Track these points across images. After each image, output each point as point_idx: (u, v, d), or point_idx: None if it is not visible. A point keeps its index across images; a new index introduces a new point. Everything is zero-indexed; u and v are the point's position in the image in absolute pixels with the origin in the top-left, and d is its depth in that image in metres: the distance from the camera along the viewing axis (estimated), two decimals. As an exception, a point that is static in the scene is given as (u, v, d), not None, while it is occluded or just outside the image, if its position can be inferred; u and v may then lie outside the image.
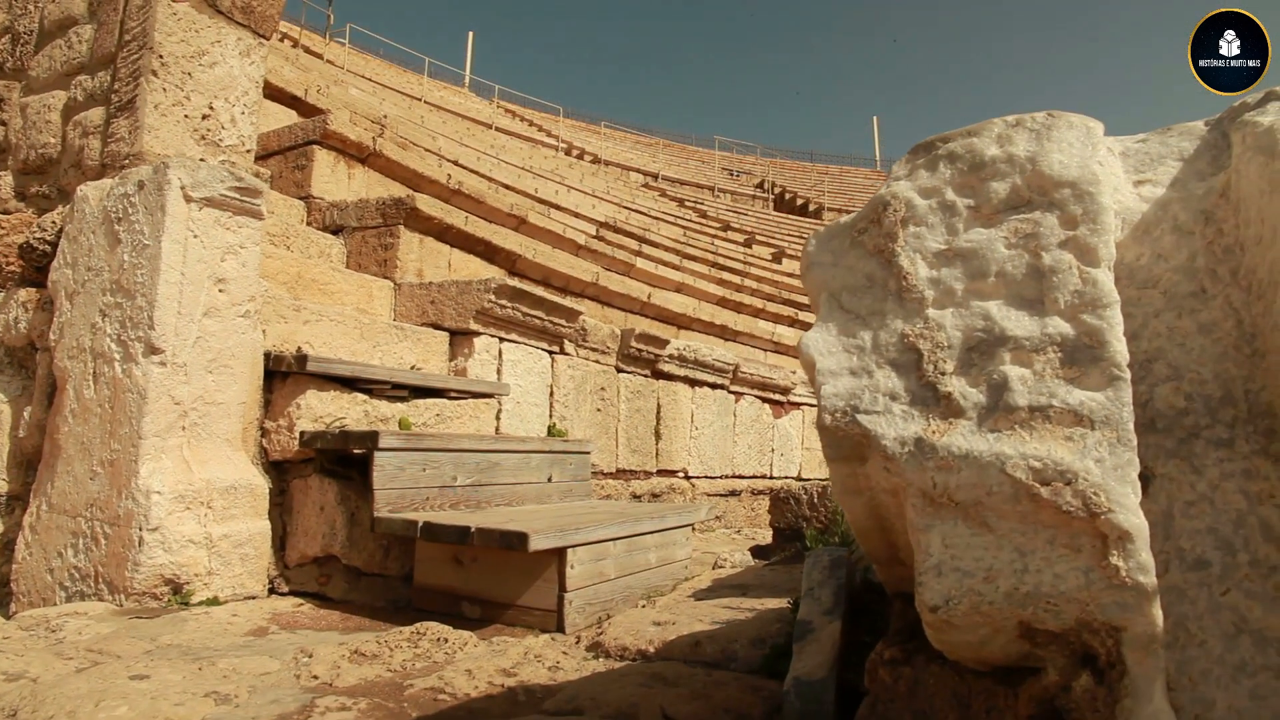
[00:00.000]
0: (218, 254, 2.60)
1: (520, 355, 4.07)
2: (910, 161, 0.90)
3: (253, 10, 3.06)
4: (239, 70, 3.01)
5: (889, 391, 0.83)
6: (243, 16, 3.02)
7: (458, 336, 3.84)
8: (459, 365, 3.80)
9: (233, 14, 2.98)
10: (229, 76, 2.97)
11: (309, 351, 3.10)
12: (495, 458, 2.91)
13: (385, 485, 2.46)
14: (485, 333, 3.84)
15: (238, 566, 2.52)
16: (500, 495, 2.92)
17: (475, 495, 2.80)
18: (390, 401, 3.08)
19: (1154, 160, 0.86)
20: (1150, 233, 0.83)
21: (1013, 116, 0.85)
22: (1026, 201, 0.81)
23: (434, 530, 2.27)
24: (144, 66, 2.72)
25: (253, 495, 2.59)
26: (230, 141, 2.97)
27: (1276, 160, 0.72)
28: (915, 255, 0.85)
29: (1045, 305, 0.78)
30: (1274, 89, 0.79)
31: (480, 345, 3.82)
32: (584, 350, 4.54)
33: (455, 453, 2.73)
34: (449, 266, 4.45)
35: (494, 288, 3.71)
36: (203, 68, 2.88)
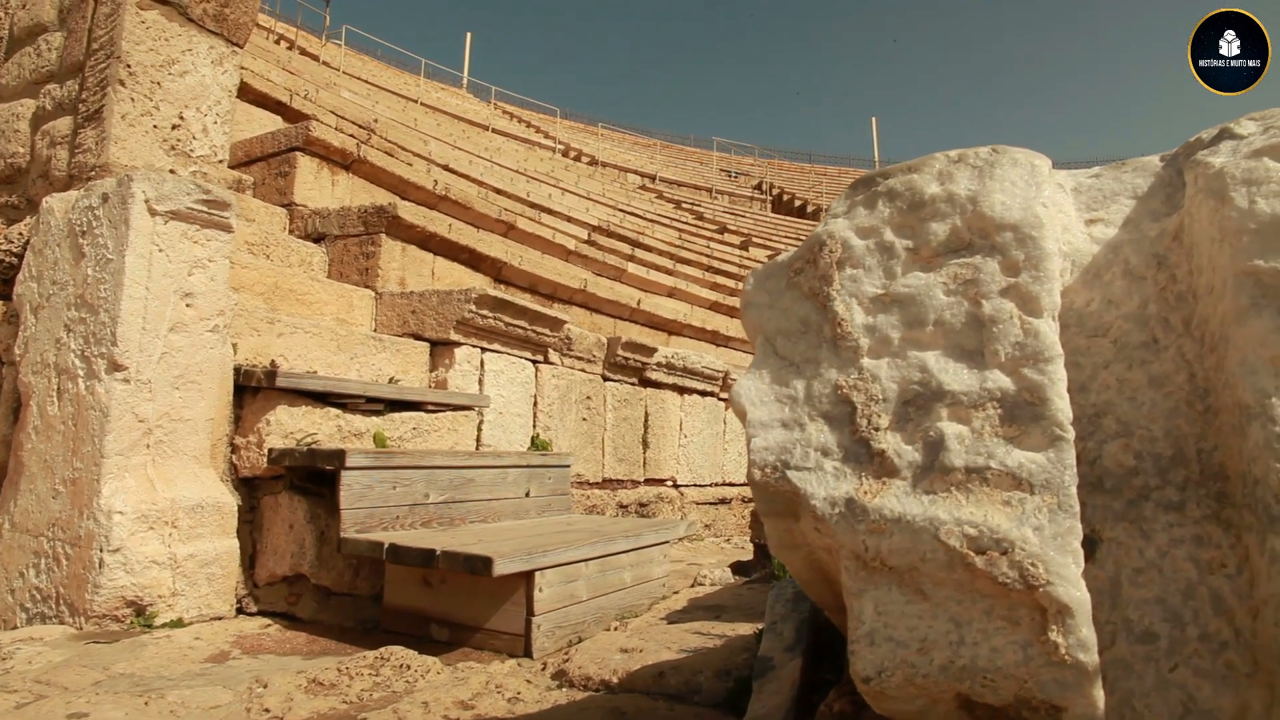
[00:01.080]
0: (184, 268, 2.55)
1: (503, 365, 4.02)
2: (849, 198, 0.85)
3: (225, 18, 3.01)
4: (211, 79, 2.96)
5: (821, 446, 0.78)
6: (215, 24, 2.97)
7: (438, 347, 3.79)
8: (439, 376, 3.75)
9: (204, 22, 2.93)
10: (200, 85, 2.92)
11: (282, 365, 3.05)
12: (470, 474, 2.86)
13: (353, 505, 2.41)
14: (466, 343, 3.79)
15: (204, 586, 2.46)
16: (475, 512, 2.87)
17: (449, 512, 2.75)
18: (365, 415, 3.03)
19: (1107, 197, 0.81)
20: (1101, 276, 0.78)
21: (956, 151, 0.80)
22: (967, 244, 0.76)
23: (399, 552, 2.22)
24: (111, 76, 2.67)
25: (220, 513, 2.54)
26: (202, 151, 2.92)
27: (1226, 206, 0.67)
28: (851, 300, 0.80)
29: (985, 357, 0.73)
30: (1228, 125, 0.74)
31: (461, 356, 3.77)
32: (569, 359, 4.49)
33: (428, 469, 2.68)
34: (432, 275, 4.40)
35: (474, 298, 3.65)
36: (173, 77, 2.83)
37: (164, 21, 2.79)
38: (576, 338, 4.47)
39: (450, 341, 3.74)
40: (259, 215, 4.32)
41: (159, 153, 2.77)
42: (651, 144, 26.62)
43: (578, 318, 5.49)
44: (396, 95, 16.85)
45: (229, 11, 3.01)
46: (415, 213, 4.18)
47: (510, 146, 15.72)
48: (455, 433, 3.42)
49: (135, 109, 2.70)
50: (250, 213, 4.31)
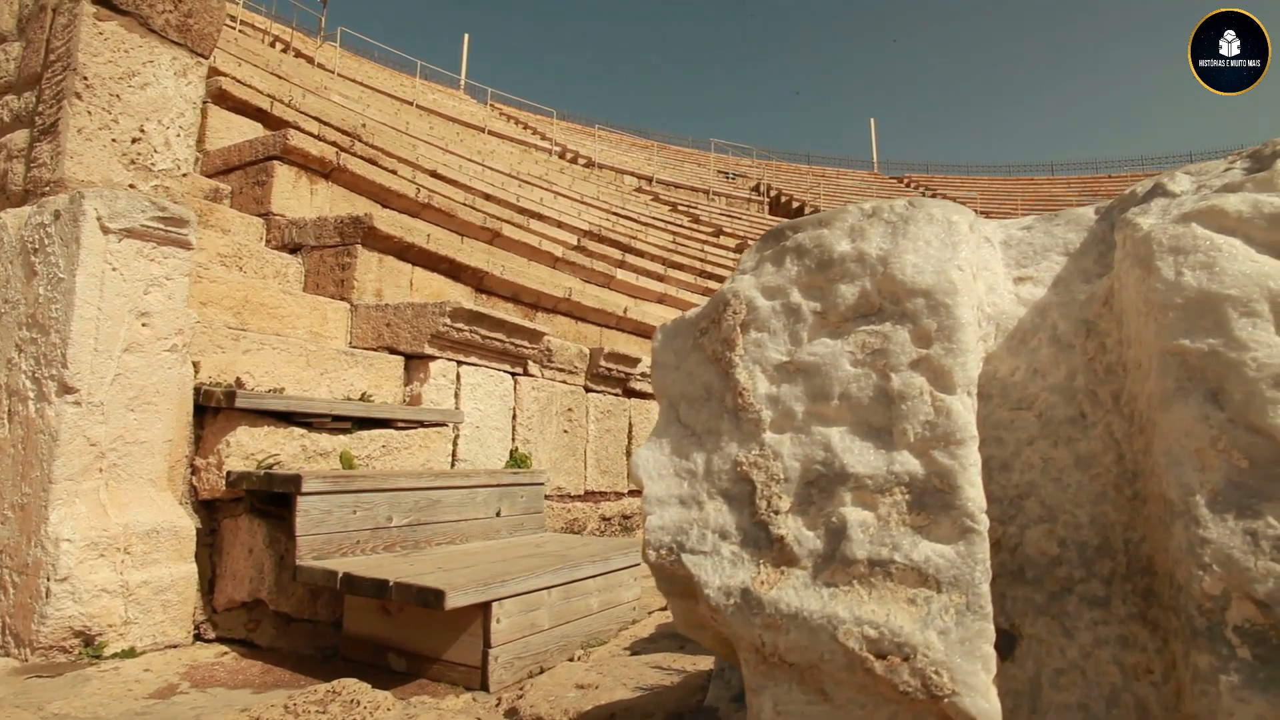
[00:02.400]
0: (140, 286, 2.48)
1: (480, 378, 3.95)
2: (759, 252, 0.79)
3: (189, 29, 2.94)
4: (174, 91, 2.90)
5: (719, 528, 0.71)
6: (178, 35, 2.90)
7: (413, 361, 3.73)
8: (414, 391, 3.69)
9: (167, 33, 2.86)
10: (162, 98, 2.85)
11: (248, 383, 2.99)
12: (436, 495, 2.79)
13: (309, 531, 2.35)
14: (442, 357, 3.73)
15: (158, 614, 2.40)
16: (442, 534, 2.81)
17: (413, 535, 2.69)
18: (331, 434, 2.96)
19: (1037, 253, 0.75)
20: (1027, 343, 0.72)
21: (870, 204, 0.74)
22: (877, 310, 0.69)
23: (354, 582, 2.15)
24: (67, 88, 2.60)
25: (177, 538, 2.48)
26: (164, 165, 2.86)
27: (1152, 276, 0.60)
28: (754, 367, 0.73)
29: (894, 437, 0.67)
30: (1162, 180, 0.68)
31: (436, 370, 3.71)
32: (550, 370, 4.42)
33: (391, 492, 2.61)
34: (411, 286, 4.33)
35: (449, 310, 3.59)
36: (133, 89, 2.76)
37: (123, 33, 2.73)
38: (557, 349, 4.40)
39: (425, 355, 3.68)
40: (235, 226, 4.26)
41: (118, 167, 2.71)
42: (649, 145, 26.55)
43: (562, 327, 5.43)
44: (391, 97, 16.79)
45: (193, 22, 2.94)
46: (392, 223, 4.11)
47: (505, 149, 15.67)
48: (427, 449, 3.36)
49: (92, 122, 2.64)
50: (226, 223, 4.25)
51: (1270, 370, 0.55)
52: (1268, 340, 0.56)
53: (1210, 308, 0.58)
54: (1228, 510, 0.55)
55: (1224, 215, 0.59)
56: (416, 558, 2.50)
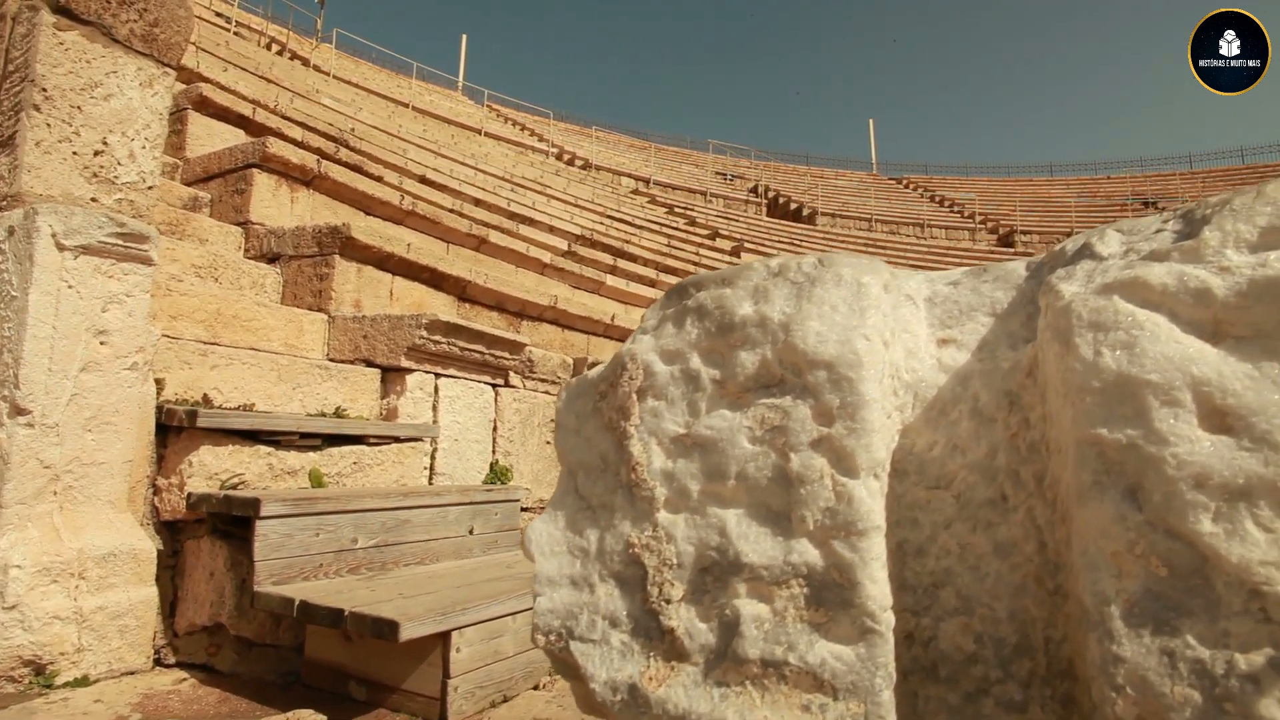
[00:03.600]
0: (98, 304, 2.43)
1: (459, 390, 3.89)
2: (662, 309, 0.73)
3: (155, 39, 2.89)
4: (139, 102, 2.84)
5: (610, 615, 0.65)
6: (143, 45, 2.85)
7: (390, 373, 3.67)
8: (390, 404, 3.63)
9: (131, 43, 2.81)
10: (127, 109, 2.80)
11: (216, 399, 2.94)
12: (405, 514, 2.73)
13: (269, 555, 2.29)
14: (419, 369, 3.67)
15: (115, 640, 2.34)
16: (411, 554, 2.75)
17: (380, 557, 2.63)
18: (300, 451, 2.90)
19: (963, 313, 0.69)
20: (947, 414, 0.66)
21: (779, 261, 0.68)
22: (779, 381, 0.63)
23: (310, 611, 2.09)
24: (25, 100, 2.55)
25: (136, 561, 2.42)
26: (128, 178, 2.80)
27: (1070, 354, 0.54)
28: (650, 439, 0.67)
29: (793, 523, 0.61)
30: (1091, 240, 0.62)
31: (413, 383, 3.65)
32: (532, 381, 4.36)
33: (356, 513, 2.56)
34: (391, 296, 4.28)
35: (425, 323, 3.53)
36: (95, 101, 2.70)
37: (85, 43, 2.67)
38: (539, 360, 4.34)
39: (401, 368, 3.62)
40: (213, 235, 4.21)
41: (79, 180, 2.65)
42: (646, 146, 26.49)
43: (548, 335, 5.37)
44: (386, 99, 16.75)
45: (159, 32, 2.89)
46: (371, 233, 4.06)
47: (500, 151, 15.62)
48: (401, 465, 3.30)
49: (52, 135, 2.58)
50: (203, 233, 4.20)
51: (1191, 469, 0.49)
52: (1189, 434, 0.50)
53: (1130, 394, 0.52)
54: (1144, 625, 0.49)
55: (1147, 288, 0.53)
56: (380, 581, 2.44)
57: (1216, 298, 0.51)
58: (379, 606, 2.05)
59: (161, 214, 4.00)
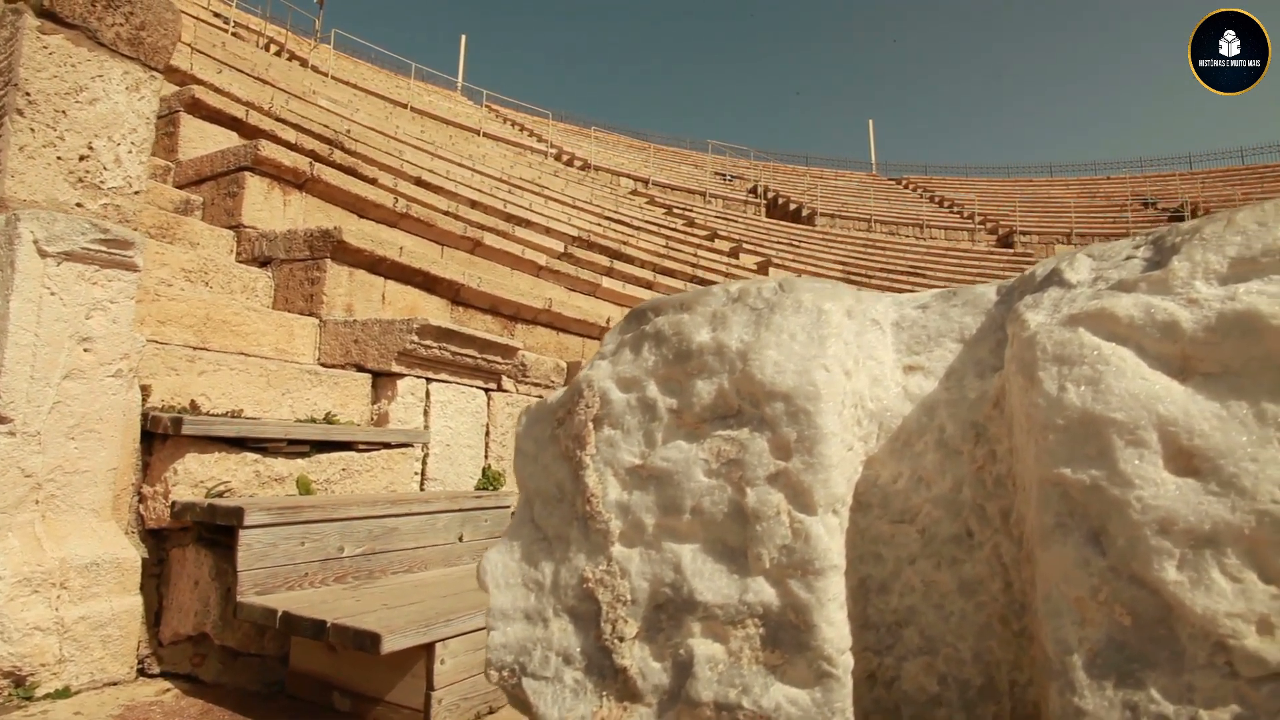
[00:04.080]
0: (82, 311, 2.41)
1: (451, 395, 3.87)
2: (621, 334, 0.71)
3: (141, 42, 2.86)
4: (125, 106, 2.82)
5: (563, 651, 0.63)
6: (129, 49, 2.82)
7: (381, 378, 3.65)
8: (381, 409, 3.61)
9: (117, 46, 2.78)
10: (113, 113, 2.77)
11: (204, 406, 2.92)
12: (392, 522, 2.71)
13: (253, 565, 2.27)
14: (410, 374, 3.65)
15: (98, 650, 2.32)
16: (399, 562, 2.73)
17: (367, 565, 2.61)
18: (288, 458, 2.88)
19: (931, 339, 0.66)
20: (912, 445, 0.63)
21: (738, 286, 0.66)
22: (736, 412, 0.61)
23: (292, 622, 2.07)
24: (8, 105, 2.52)
25: (119, 570, 2.40)
26: (114, 183, 2.78)
27: (1034, 389, 0.52)
28: (605, 470, 0.65)
29: (749, 561, 0.58)
30: (1060, 265, 0.59)
31: (404, 388, 3.63)
32: (525, 385, 4.34)
33: (342, 521, 2.53)
34: (383, 299, 4.25)
35: (416, 328, 3.51)
36: (80, 105, 2.68)
37: (70, 47, 2.65)
38: (532, 364, 4.32)
39: (392, 373, 3.60)
40: (204, 239, 4.18)
41: (64, 186, 2.63)
42: (646, 147, 26.46)
43: (542, 338, 5.35)
44: (385, 100, 16.73)
45: (145, 35, 2.86)
46: (362, 236, 4.03)
47: (498, 152, 15.60)
48: (390, 471, 3.28)
49: (36, 140, 2.56)
50: (194, 236, 4.17)
51: (1156, 513, 0.47)
52: (1155, 476, 0.47)
53: (1094, 433, 0.49)
54: (1107, 676, 0.47)
55: (1114, 320, 0.51)
56: (366, 591, 2.42)
57: (1184, 332, 0.49)
58: (362, 618, 2.03)
59: (152, 217, 3.98)
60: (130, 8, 2.82)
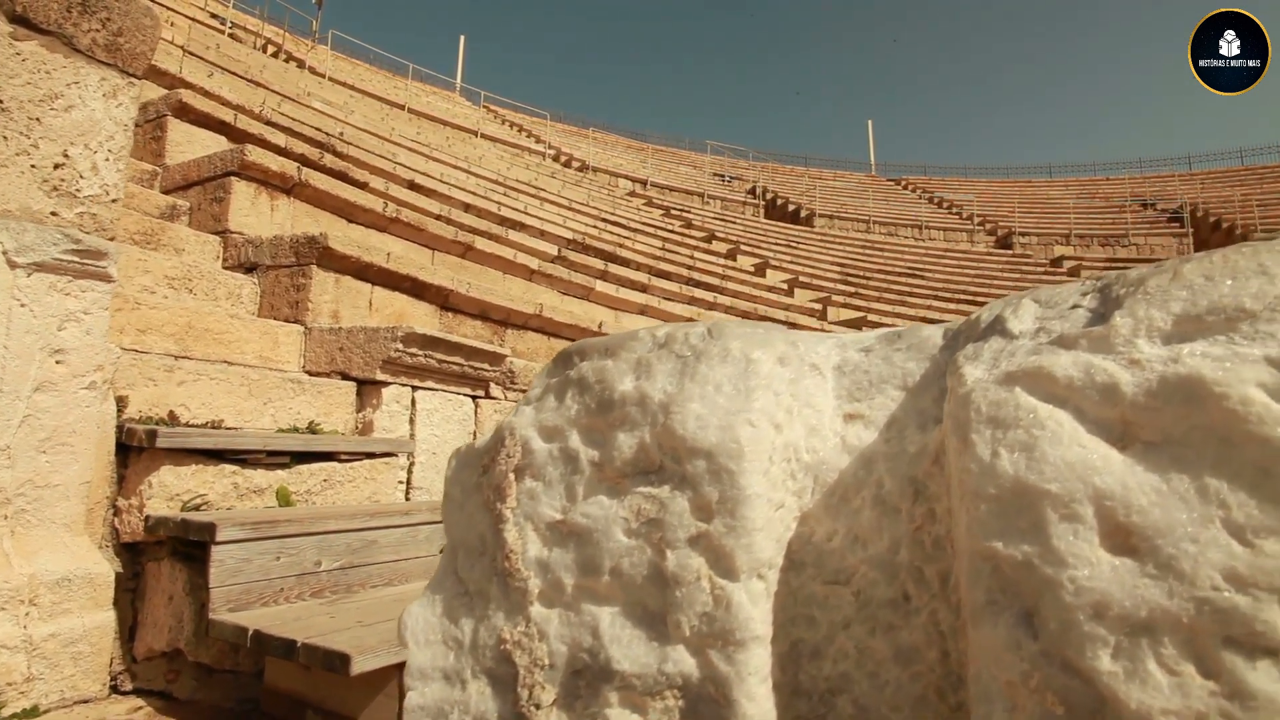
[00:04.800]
0: (53, 323, 2.37)
1: (438, 403, 3.84)
2: (547, 377, 0.67)
3: (119, 48, 2.83)
4: (102, 113, 2.78)
5: (480, 716, 0.60)
6: (107, 55, 2.79)
7: (366, 386, 3.61)
8: (366, 418, 3.57)
9: (94, 52, 2.75)
10: (89, 121, 2.74)
11: (183, 416, 2.89)
12: (372, 535, 2.67)
13: (226, 581, 2.23)
14: (395, 382, 3.61)
15: (68, 667, 2.29)
16: (379, 575, 2.69)
17: (346, 579, 2.57)
18: (268, 469, 2.85)
19: (873, 385, 0.63)
20: (849, 501, 0.60)
21: (665, 331, 0.62)
22: (658, 468, 0.58)
23: (263, 641, 2.03)
24: (-19, 114, 2.49)
25: (92, 585, 2.36)
26: (91, 191, 2.74)
27: (967, 453, 0.49)
28: (526, 524, 0.61)
29: (668, 628, 0.55)
30: (1004, 313, 0.56)
31: (389, 396, 3.59)
32: (513, 392, 4.30)
33: (320, 535, 2.50)
34: (370, 306, 4.22)
35: (401, 335, 3.47)
36: (55, 112, 2.64)
37: (44, 53, 2.61)
38: (521, 370, 4.28)
39: (377, 381, 3.56)
40: (189, 245, 4.15)
41: (38, 195, 2.59)
42: (644, 148, 26.41)
43: (533, 344, 5.31)
44: (382, 101, 16.69)
45: (123, 41, 2.83)
46: (349, 242, 4.00)
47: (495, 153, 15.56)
48: (373, 481, 3.24)
49: (9, 148, 2.52)
50: (179, 242, 4.14)
51: (1090, 596, 0.43)
52: (1089, 555, 0.44)
53: (1028, 504, 0.46)
54: (1039, 772, 0.43)
55: (1052, 380, 0.47)
56: (343, 606, 2.38)
57: (1125, 396, 0.45)
58: (333, 637, 1.99)
59: (136, 223, 3.95)
60: (107, 13, 2.79)
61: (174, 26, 10.24)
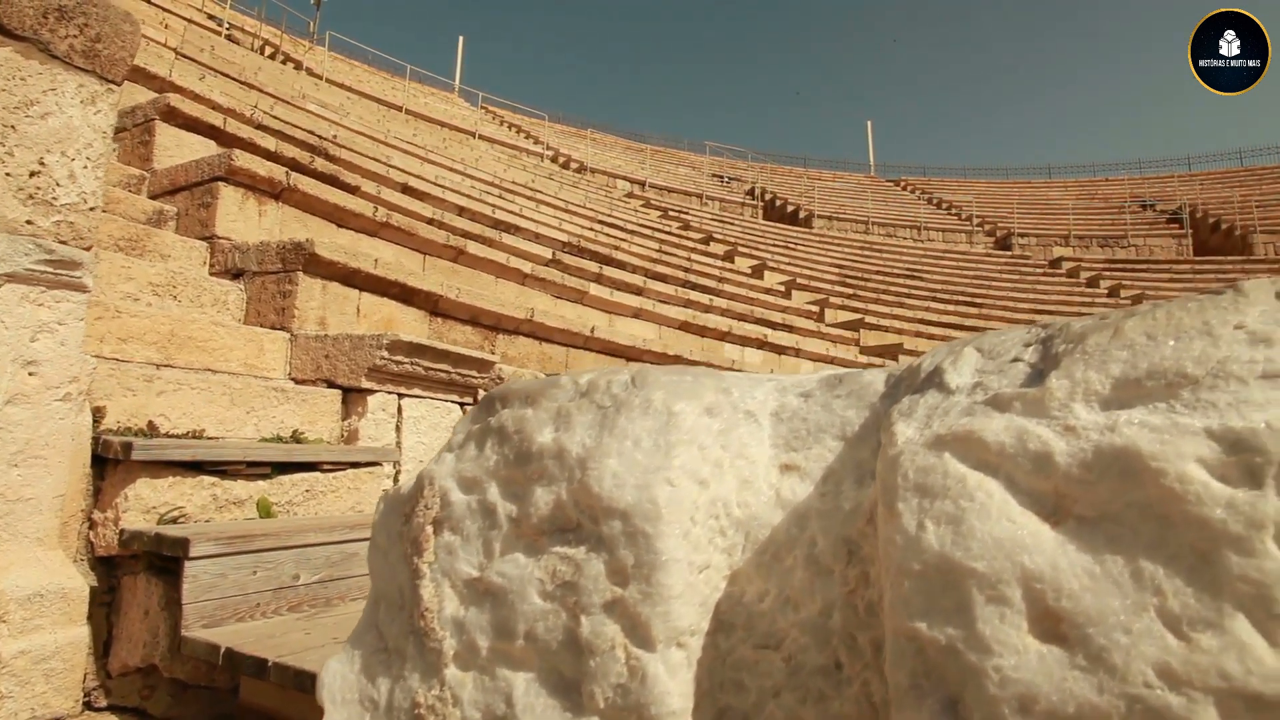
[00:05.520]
0: (26, 334, 2.34)
1: (424, 410, 3.80)
2: (471, 423, 0.64)
3: (98, 54, 2.79)
4: (80, 120, 2.75)
5: (390, 793, 0.56)
6: (84, 61, 2.75)
7: (351, 394, 3.58)
8: (351, 426, 3.54)
9: (71, 58, 2.72)
10: (66, 128, 2.71)
11: (163, 427, 2.85)
12: (352, 547, 2.64)
13: (200, 597, 2.20)
14: (381, 390, 3.58)
15: (40, 685, 2.25)
16: (359, 588, 2.66)
17: (324, 593, 2.54)
18: (248, 480, 2.81)
19: (811, 434, 0.59)
20: (781, 560, 0.56)
21: (588, 379, 0.59)
22: (574, 526, 0.54)
23: (235, 659, 2.00)
24: (-45, 122, 2.45)
25: (65, 601, 2.33)
26: (68, 200, 2.71)
27: (892, 523, 0.46)
28: (443, 580, 0.58)
29: (583, 698, 0.51)
30: (943, 364, 0.52)
31: (375, 404, 3.56)
32: (503, 400, 4.27)
33: (298, 549, 2.46)
34: (358, 312, 4.18)
35: (386, 344, 3.44)
36: (31, 119, 2.61)
37: (19, 59, 2.58)
38: (510, 377, 4.25)
39: (363, 389, 3.53)
40: (175, 251, 4.12)
41: (13, 203, 2.55)
42: (643, 149, 26.37)
43: (524, 349, 5.28)
44: (380, 102, 16.66)
45: (101, 47, 2.80)
46: (335, 248, 3.97)
47: (493, 154, 15.52)
48: (357, 491, 3.21)
49: (-17, 157, 2.49)
50: (165, 248, 4.10)
51: (1016, 688, 0.39)
52: (1016, 642, 0.40)
53: (953, 583, 0.42)
54: None
55: (983, 446, 0.44)
56: (320, 621, 2.35)
57: (1058, 467, 0.42)
58: (305, 655, 1.96)
59: (121, 229, 3.92)
60: (85, 19, 2.75)
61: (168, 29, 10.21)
